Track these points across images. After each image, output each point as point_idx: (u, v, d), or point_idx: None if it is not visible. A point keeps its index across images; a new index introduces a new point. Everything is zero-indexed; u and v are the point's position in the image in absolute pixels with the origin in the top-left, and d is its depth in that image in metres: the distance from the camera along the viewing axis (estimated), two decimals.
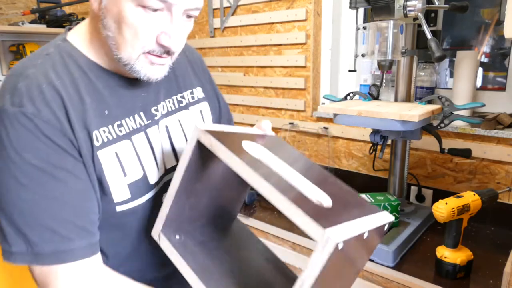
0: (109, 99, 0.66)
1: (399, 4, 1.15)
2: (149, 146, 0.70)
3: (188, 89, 0.81)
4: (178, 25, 0.62)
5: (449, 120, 1.22)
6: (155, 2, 0.58)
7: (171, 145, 0.75)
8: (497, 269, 1.08)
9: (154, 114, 0.72)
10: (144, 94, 0.72)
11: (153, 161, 0.70)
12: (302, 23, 1.77)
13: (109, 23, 0.61)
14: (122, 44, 0.61)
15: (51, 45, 0.66)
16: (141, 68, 0.63)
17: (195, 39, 2.26)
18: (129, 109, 0.69)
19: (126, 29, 0.60)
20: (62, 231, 0.59)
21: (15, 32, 2.00)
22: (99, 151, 0.63)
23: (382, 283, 1.13)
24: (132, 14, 0.59)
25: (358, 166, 1.72)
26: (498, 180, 1.36)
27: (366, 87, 1.70)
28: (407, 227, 1.26)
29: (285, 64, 1.86)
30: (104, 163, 0.64)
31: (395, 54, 1.20)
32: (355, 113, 1.18)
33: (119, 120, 0.67)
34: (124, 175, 0.66)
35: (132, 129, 0.68)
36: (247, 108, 2.10)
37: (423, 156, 1.52)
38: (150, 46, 0.62)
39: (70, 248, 0.59)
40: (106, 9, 0.60)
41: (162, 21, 0.60)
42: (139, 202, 0.68)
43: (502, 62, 1.50)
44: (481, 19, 1.53)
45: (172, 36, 0.61)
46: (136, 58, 0.62)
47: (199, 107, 0.82)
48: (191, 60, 0.85)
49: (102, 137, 0.64)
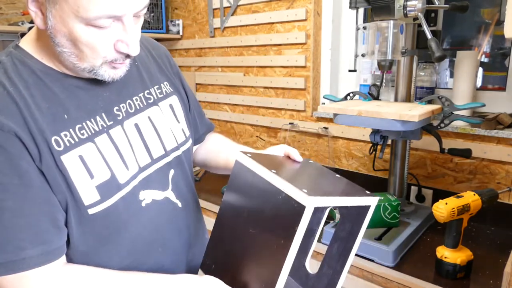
0: (67, 102, 0.66)
1: (399, 4, 1.15)
2: (113, 146, 0.70)
3: (155, 85, 0.81)
4: (132, 31, 0.62)
5: (449, 120, 1.22)
6: (104, 21, 0.59)
7: (144, 143, 0.75)
8: (497, 269, 1.08)
9: (117, 114, 0.72)
10: (106, 94, 0.72)
11: (120, 161, 0.70)
12: (302, 23, 1.77)
13: (62, 41, 0.61)
14: (83, 57, 0.62)
15: (4, 53, 0.66)
16: (105, 72, 0.65)
17: (195, 39, 2.26)
18: (90, 110, 0.68)
19: (83, 47, 0.60)
20: (14, 241, 0.59)
21: (15, 32, 1.99)
22: (62, 156, 0.63)
23: (382, 283, 1.13)
24: (84, 34, 0.59)
25: (358, 166, 1.72)
26: (498, 180, 1.36)
27: (366, 87, 1.70)
28: (407, 227, 1.26)
29: (285, 64, 1.86)
30: (69, 167, 0.63)
31: (395, 54, 1.20)
32: (355, 113, 1.18)
33: (80, 123, 0.66)
34: (91, 177, 0.66)
35: (94, 131, 0.68)
36: (247, 108, 2.10)
37: (423, 156, 1.52)
38: (111, 56, 0.63)
39: (22, 257, 0.59)
40: (55, 29, 0.60)
41: (116, 31, 0.61)
42: (110, 203, 0.68)
43: (502, 62, 1.50)
44: (481, 19, 1.52)
45: (129, 43, 0.63)
46: (100, 65, 0.64)
47: (168, 101, 0.83)
48: (156, 55, 0.86)
49: (64, 142, 0.63)
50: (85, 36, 0.59)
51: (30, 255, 0.60)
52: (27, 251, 0.60)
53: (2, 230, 0.59)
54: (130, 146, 0.73)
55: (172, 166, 0.80)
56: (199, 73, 2.31)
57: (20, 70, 0.64)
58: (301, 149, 1.91)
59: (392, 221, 1.25)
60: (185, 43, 2.32)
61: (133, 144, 0.73)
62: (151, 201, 0.75)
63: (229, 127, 2.22)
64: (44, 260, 0.61)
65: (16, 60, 0.64)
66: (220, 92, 2.22)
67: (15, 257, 0.59)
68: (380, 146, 1.28)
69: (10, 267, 0.59)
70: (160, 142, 0.78)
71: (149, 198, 0.74)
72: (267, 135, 2.04)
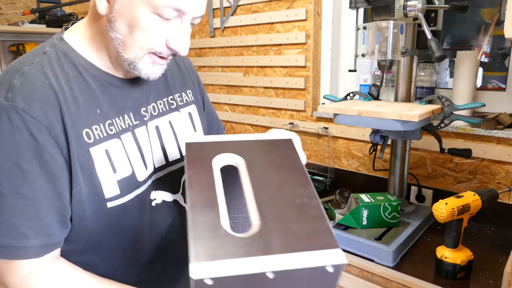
0: (101, 98, 0.68)
1: (399, 4, 1.15)
2: (136, 145, 0.72)
3: (178, 92, 0.84)
4: (187, 31, 0.66)
5: (449, 120, 1.22)
6: (170, 12, 0.62)
7: (161, 145, 0.78)
8: (497, 269, 1.08)
9: (144, 115, 0.75)
10: (136, 94, 0.74)
11: (140, 160, 0.72)
12: (302, 23, 1.77)
13: (121, 26, 0.63)
14: (131, 45, 0.64)
15: (48, 44, 0.68)
16: (143, 67, 0.67)
17: (195, 39, 2.26)
18: (120, 108, 0.71)
19: (139, 33, 0.63)
20: (20, 228, 0.60)
21: (15, 32, 1.99)
22: (91, 148, 0.65)
23: (382, 283, 1.13)
24: (147, 20, 0.62)
25: (358, 166, 1.72)
26: (498, 180, 1.36)
27: (366, 87, 1.70)
28: (407, 227, 1.26)
29: (285, 64, 1.86)
30: (96, 159, 0.65)
31: (395, 54, 1.20)
32: (355, 113, 1.18)
33: (110, 119, 0.69)
34: (114, 172, 0.68)
35: (121, 129, 0.70)
36: (247, 108, 2.10)
37: (423, 156, 1.52)
38: (159, 49, 0.66)
39: (23, 245, 0.60)
40: (118, 13, 0.62)
41: (173, 27, 0.65)
42: (128, 198, 0.70)
43: (502, 62, 1.50)
44: (481, 19, 1.52)
45: (181, 41, 0.66)
46: (141, 57, 0.66)
47: (188, 109, 0.86)
48: (181, 65, 0.89)
49: (94, 135, 0.66)
50: (146, 23, 0.62)
51: (32, 244, 0.61)
52: (30, 240, 0.61)
53: (11, 215, 0.60)
54: (150, 147, 0.75)
55: None
56: (199, 73, 2.31)
57: (62, 62, 0.66)
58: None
59: (392, 221, 1.26)
60: None
61: (152, 145, 0.76)
62: (161, 202, 0.77)
63: (229, 127, 2.22)
64: (42, 252, 0.63)
65: (59, 52, 0.67)
66: (220, 92, 2.22)
67: (17, 244, 0.60)
68: (380, 146, 1.28)
69: (9, 253, 0.60)
70: (177, 146, 0.81)
71: (160, 199, 0.77)
72: None
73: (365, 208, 1.23)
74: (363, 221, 1.24)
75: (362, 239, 1.18)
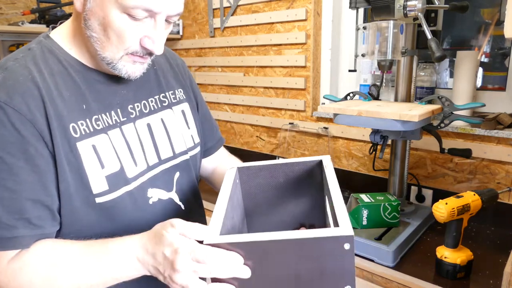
0: (87, 94, 0.69)
1: (399, 4, 1.15)
2: (124, 142, 0.72)
3: (170, 90, 0.84)
4: (161, 31, 0.66)
5: (449, 120, 1.22)
6: (140, 12, 0.62)
7: (153, 143, 0.78)
8: (497, 269, 1.08)
9: (131, 112, 0.75)
10: (124, 91, 0.74)
11: (129, 156, 0.72)
12: (302, 23, 1.77)
13: (94, 25, 0.64)
14: (107, 45, 0.64)
15: (34, 42, 0.69)
16: (123, 67, 0.67)
17: (195, 39, 2.26)
18: (107, 104, 0.71)
19: (111, 33, 0.63)
20: (7, 220, 0.60)
21: (15, 32, 1.99)
22: (78, 142, 0.65)
23: (382, 283, 1.13)
24: (117, 20, 0.62)
25: (358, 166, 1.72)
26: (498, 180, 1.36)
27: (366, 87, 1.70)
28: (407, 227, 1.26)
29: (285, 64, 1.86)
30: (83, 154, 0.66)
31: (395, 54, 1.20)
32: (355, 113, 1.18)
33: (97, 115, 0.69)
34: (102, 167, 0.68)
35: (108, 124, 0.70)
36: (247, 108, 2.10)
37: (423, 156, 1.52)
38: (134, 48, 0.66)
39: (12, 236, 0.60)
40: (91, 11, 0.63)
41: (146, 26, 0.64)
42: (117, 195, 0.70)
43: (502, 62, 1.50)
44: (481, 19, 1.52)
45: (155, 41, 0.66)
46: (119, 58, 0.66)
47: (181, 107, 0.86)
48: (173, 63, 0.89)
49: (80, 130, 0.66)
50: (117, 22, 0.62)
51: (22, 234, 0.61)
52: (19, 230, 0.61)
53: None
54: (141, 144, 0.75)
55: (179, 169, 0.82)
56: (199, 73, 2.31)
57: (47, 57, 0.67)
58: (301, 149, 1.91)
59: (392, 221, 1.26)
60: (185, 43, 2.32)
61: (143, 143, 0.76)
62: (157, 200, 0.77)
63: (229, 127, 2.22)
64: (31, 243, 0.62)
65: (45, 49, 0.68)
66: (220, 92, 2.22)
67: (6, 234, 0.60)
68: (380, 146, 1.28)
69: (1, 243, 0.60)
70: (169, 144, 0.81)
71: (156, 197, 0.77)
72: (267, 135, 2.04)
73: (365, 208, 1.23)
74: (363, 221, 1.24)
75: (362, 239, 1.18)
